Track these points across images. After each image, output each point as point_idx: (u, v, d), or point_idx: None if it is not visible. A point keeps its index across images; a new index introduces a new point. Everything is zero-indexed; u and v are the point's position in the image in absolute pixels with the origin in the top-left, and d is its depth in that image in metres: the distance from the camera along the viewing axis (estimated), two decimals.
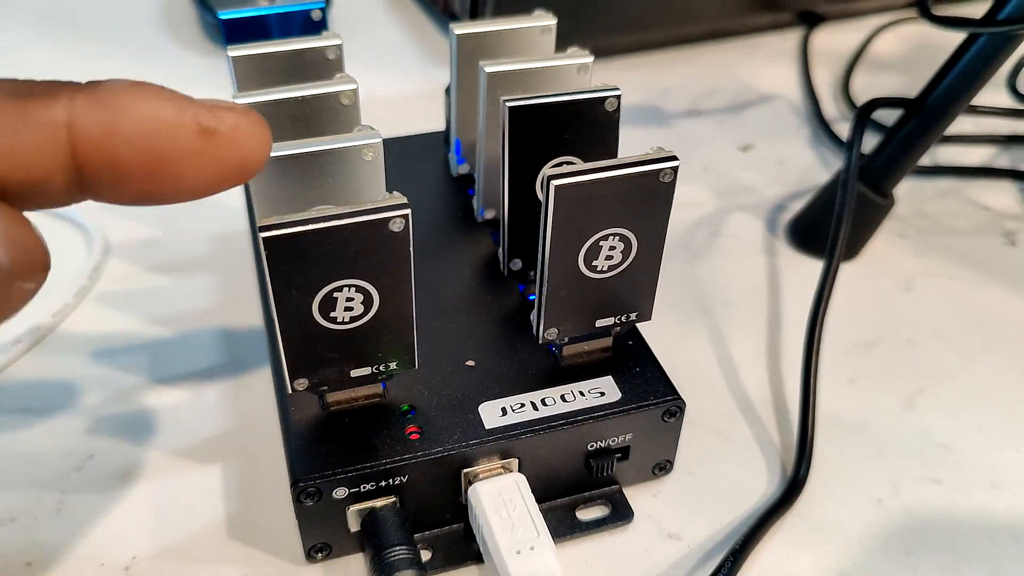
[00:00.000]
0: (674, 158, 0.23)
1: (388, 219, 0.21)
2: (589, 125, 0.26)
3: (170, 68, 0.50)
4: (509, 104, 0.25)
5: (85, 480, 0.28)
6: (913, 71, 0.51)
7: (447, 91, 0.35)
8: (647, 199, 0.24)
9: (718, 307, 0.35)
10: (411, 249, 0.22)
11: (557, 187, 0.22)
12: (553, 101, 0.26)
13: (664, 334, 0.33)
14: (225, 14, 0.30)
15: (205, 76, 0.50)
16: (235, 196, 0.40)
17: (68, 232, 0.38)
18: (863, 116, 0.32)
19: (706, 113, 0.47)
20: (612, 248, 0.24)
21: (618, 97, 0.26)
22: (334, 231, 0.21)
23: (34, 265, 0.17)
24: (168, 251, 0.37)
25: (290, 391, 0.24)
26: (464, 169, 0.33)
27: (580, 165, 0.23)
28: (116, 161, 0.17)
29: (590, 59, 0.28)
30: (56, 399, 0.30)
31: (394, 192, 0.22)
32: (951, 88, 0.33)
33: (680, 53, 0.53)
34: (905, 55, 0.53)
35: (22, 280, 0.16)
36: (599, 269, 0.25)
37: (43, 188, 0.17)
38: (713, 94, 0.49)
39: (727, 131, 0.46)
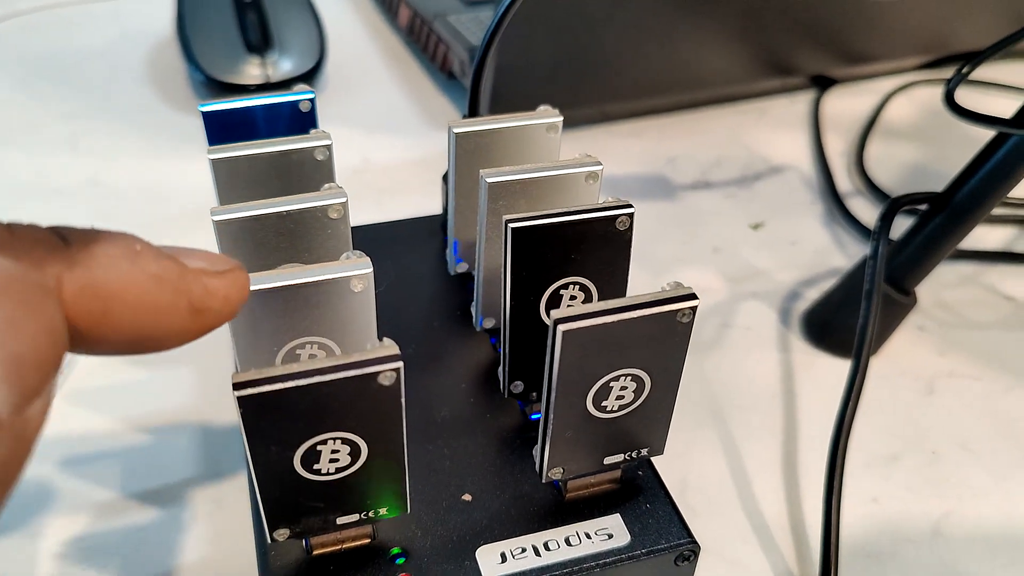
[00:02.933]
0: (693, 296, 0.21)
1: (377, 373, 0.19)
2: (599, 245, 0.24)
3: (156, 127, 0.48)
4: (512, 225, 0.23)
5: None
6: (927, 140, 0.50)
7: (444, 178, 0.33)
8: (663, 339, 0.22)
9: (729, 410, 0.33)
10: (403, 400, 0.20)
11: (565, 332, 0.20)
12: (560, 221, 0.23)
13: (672, 441, 0.31)
14: (205, 106, 0.28)
15: (192, 136, 0.48)
16: None
17: None
18: (887, 219, 0.30)
19: (715, 185, 0.45)
20: (624, 388, 0.22)
21: (631, 215, 0.24)
22: (317, 387, 0.19)
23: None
24: None
25: (270, 541, 0.22)
26: (463, 268, 0.31)
27: (590, 305, 0.21)
28: (104, 341, 0.16)
29: (599, 167, 0.26)
30: (17, 518, 0.28)
31: (385, 340, 0.20)
32: (980, 187, 0.31)
33: (688, 117, 0.51)
34: (918, 122, 0.52)
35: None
36: (609, 409, 0.23)
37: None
38: (722, 164, 0.47)
39: (737, 206, 0.44)
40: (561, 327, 0.20)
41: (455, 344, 0.30)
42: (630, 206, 0.24)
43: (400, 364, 0.19)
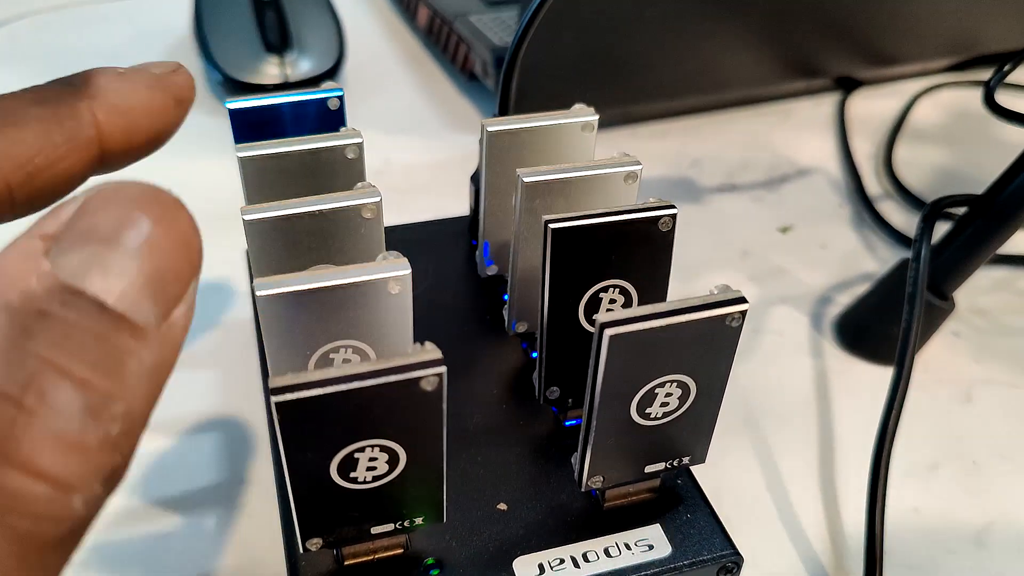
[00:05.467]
0: (743, 300, 0.21)
1: (420, 379, 0.18)
2: (640, 246, 0.24)
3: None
4: (553, 226, 0.22)
5: None
6: (956, 143, 0.49)
7: (473, 178, 0.32)
8: (710, 344, 0.21)
9: (764, 418, 0.32)
10: (444, 406, 0.19)
11: (612, 336, 0.20)
12: (602, 222, 0.23)
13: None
14: (232, 102, 0.27)
15: (211, 134, 0.47)
16: (239, 279, 0.37)
17: None
18: (929, 220, 0.29)
19: (741, 188, 0.45)
20: (668, 395, 0.22)
21: (674, 216, 0.23)
22: (358, 393, 0.18)
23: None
24: None
25: (301, 551, 0.21)
26: (493, 271, 0.30)
27: (636, 309, 0.20)
28: (130, 150, 0.21)
29: (639, 166, 0.25)
30: None
31: (427, 343, 0.19)
32: (1023, 189, 0.30)
33: (712, 119, 0.50)
34: (946, 124, 0.51)
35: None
36: (653, 416, 0.22)
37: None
38: (748, 166, 0.46)
39: (764, 209, 0.43)
40: (608, 331, 0.20)
41: (486, 349, 0.29)
42: (673, 207, 0.23)
43: (444, 369, 0.19)
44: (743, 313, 0.21)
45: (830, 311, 0.37)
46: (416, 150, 0.47)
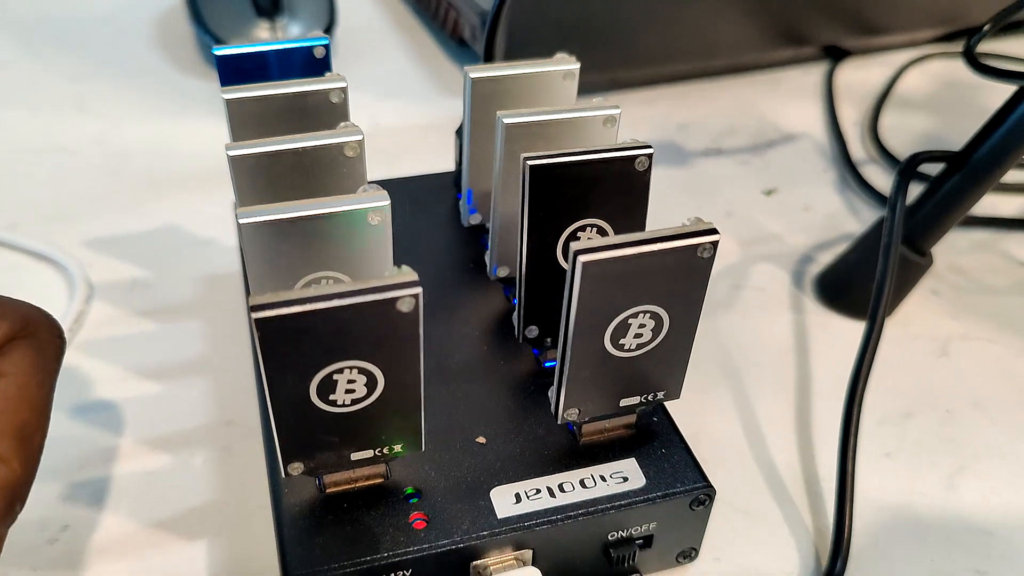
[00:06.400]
0: (714, 231, 0.21)
1: (396, 299, 0.19)
2: (617, 185, 0.24)
3: (164, 90, 0.48)
4: (531, 163, 0.23)
5: (59, 555, 0.26)
6: (942, 111, 0.49)
7: (458, 132, 0.33)
8: (683, 275, 0.21)
9: (743, 369, 0.33)
10: (421, 329, 0.20)
11: (585, 263, 0.20)
12: (578, 160, 0.23)
13: (685, 399, 0.31)
14: (220, 49, 0.28)
15: (200, 98, 0.47)
16: (227, 233, 0.38)
17: (49, 275, 0.35)
18: (906, 174, 0.30)
19: (728, 152, 0.45)
20: (642, 326, 0.22)
21: (650, 156, 0.24)
22: (336, 312, 0.19)
23: None
24: (156, 294, 0.35)
25: (284, 475, 0.22)
26: (476, 220, 0.31)
27: (610, 238, 0.20)
28: None
29: (617, 110, 0.26)
30: None
31: (403, 266, 0.19)
32: (1000, 145, 0.31)
33: (700, 86, 0.51)
34: (933, 93, 0.51)
35: None
36: (627, 347, 0.22)
37: None
38: (734, 132, 0.47)
39: (750, 173, 0.44)
40: (581, 258, 0.20)
41: (469, 294, 0.30)
42: (649, 147, 0.24)
43: (419, 290, 0.19)
44: (714, 244, 0.21)
45: (812, 269, 0.38)
46: (405, 113, 0.47)
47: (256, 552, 0.26)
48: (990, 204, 0.42)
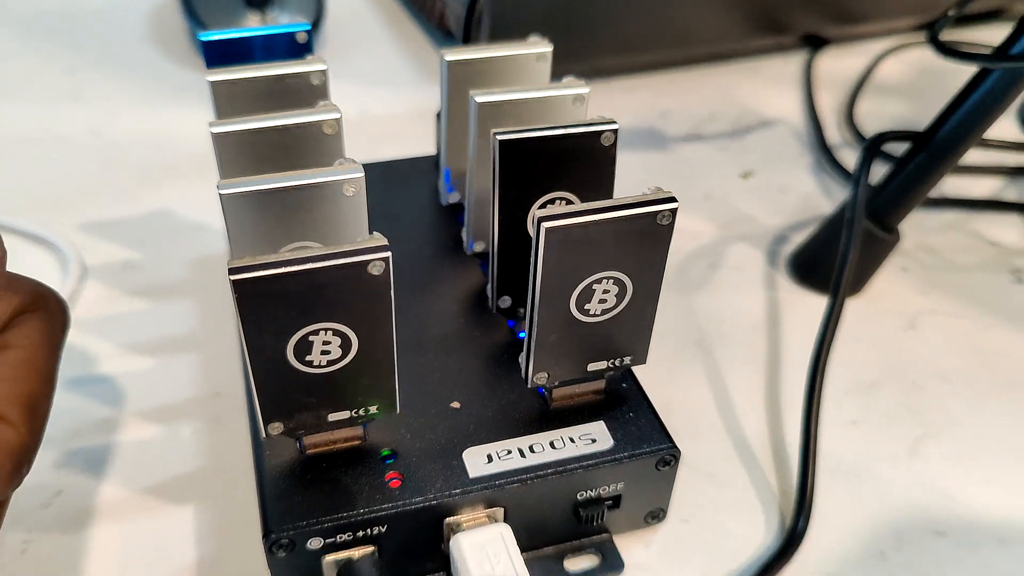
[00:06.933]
0: (673, 199, 0.22)
1: (367, 262, 0.20)
2: (584, 160, 0.25)
3: (156, 81, 0.49)
4: (500, 138, 0.24)
5: (52, 518, 0.27)
6: (918, 97, 0.51)
7: (438, 116, 0.34)
8: (643, 242, 0.23)
9: (715, 342, 0.34)
10: (391, 292, 0.21)
11: (548, 229, 0.21)
12: (546, 135, 0.24)
13: (658, 370, 0.32)
14: (206, 35, 0.29)
15: (192, 88, 0.49)
16: (217, 218, 0.39)
17: (43, 256, 0.36)
18: (871, 151, 0.31)
19: (707, 138, 0.46)
20: (606, 291, 0.23)
21: (615, 131, 0.25)
22: (309, 274, 0.20)
23: None
24: (147, 274, 0.36)
25: (264, 436, 0.23)
26: (454, 198, 0.32)
27: (573, 206, 0.22)
28: None
29: (586, 89, 0.27)
30: None
31: (375, 233, 0.21)
32: (962, 123, 0.32)
33: (681, 74, 0.52)
34: (910, 81, 0.52)
35: None
36: (592, 312, 0.24)
37: None
38: (714, 118, 0.48)
39: (728, 157, 0.45)
40: (545, 224, 0.21)
41: (446, 270, 0.31)
42: (614, 123, 0.25)
43: (389, 254, 0.20)
44: (673, 212, 0.22)
45: (785, 249, 0.39)
46: (392, 101, 0.48)
47: (240, 513, 0.27)
48: (962, 186, 0.43)
